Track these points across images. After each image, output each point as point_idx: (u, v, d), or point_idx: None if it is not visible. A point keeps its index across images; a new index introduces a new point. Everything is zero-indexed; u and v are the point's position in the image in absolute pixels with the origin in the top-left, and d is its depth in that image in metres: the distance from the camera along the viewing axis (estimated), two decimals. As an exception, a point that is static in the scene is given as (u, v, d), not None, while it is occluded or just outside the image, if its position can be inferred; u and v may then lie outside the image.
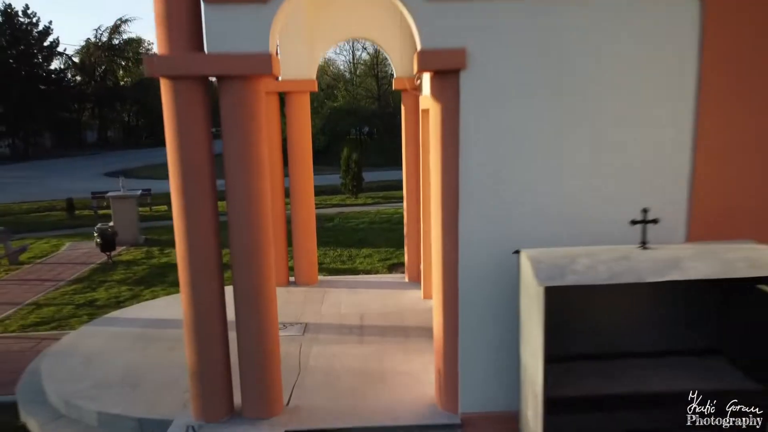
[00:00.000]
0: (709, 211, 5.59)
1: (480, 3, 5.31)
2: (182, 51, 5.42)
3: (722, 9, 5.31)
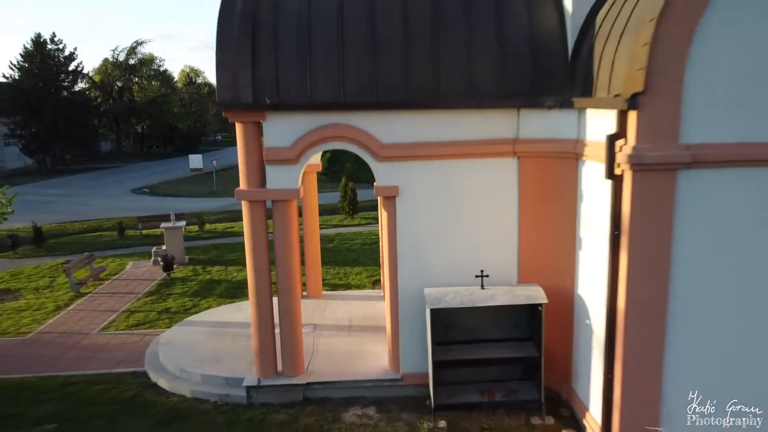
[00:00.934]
0: (527, 268, 10.76)
1: (405, 162, 10.49)
2: (255, 188, 10.60)
3: (527, 164, 10.48)
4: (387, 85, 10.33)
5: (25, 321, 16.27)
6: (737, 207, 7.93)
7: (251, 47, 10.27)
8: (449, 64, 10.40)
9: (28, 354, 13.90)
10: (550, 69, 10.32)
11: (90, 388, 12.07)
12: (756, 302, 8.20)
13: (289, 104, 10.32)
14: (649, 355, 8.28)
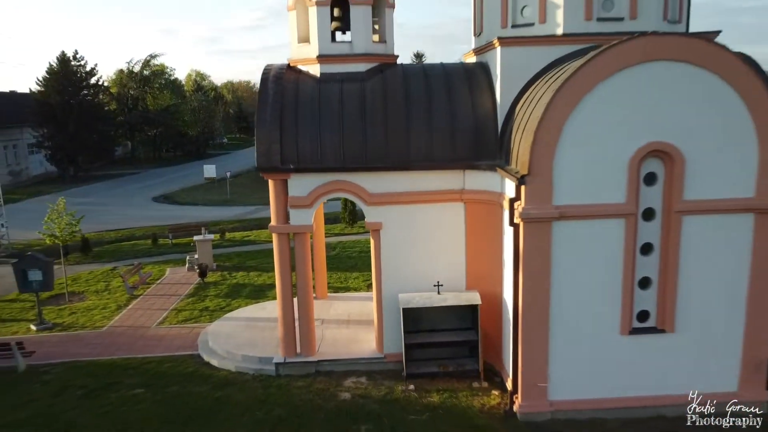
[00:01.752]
0: (471, 279, 15.45)
1: (386, 206, 15.15)
2: (282, 223, 15.27)
3: (471, 207, 15.16)
4: (373, 154, 14.99)
5: (96, 317, 20.99)
6: (585, 241, 12.59)
7: (279, 128, 14.94)
8: (416, 139, 15.07)
9: (108, 342, 18.63)
10: (485, 142, 14.98)
11: (161, 365, 16.79)
12: (600, 302, 12.87)
13: (305, 168, 14.98)
14: (538, 338, 12.96)
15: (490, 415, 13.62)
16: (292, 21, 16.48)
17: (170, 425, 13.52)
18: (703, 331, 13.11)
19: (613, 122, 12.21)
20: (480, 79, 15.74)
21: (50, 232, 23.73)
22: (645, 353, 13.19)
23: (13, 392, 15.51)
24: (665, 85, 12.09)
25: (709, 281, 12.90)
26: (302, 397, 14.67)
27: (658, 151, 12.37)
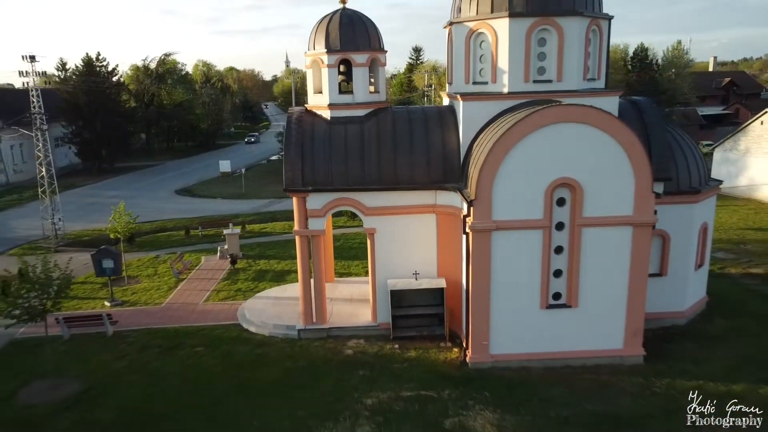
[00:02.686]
0: (441, 269, 21.18)
1: (379, 216, 20.83)
2: (303, 228, 20.95)
3: (440, 218, 20.83)
4: (369, 178, 20.62)
5: (154, 296, 26.80)
6: (515, 244, 18.25)
7: (301, 159, 20.58)
8: (401, 167, 20.68)
9: (169, 315, 24.44)
10: (451, 170, 20.59)
11: (212, 331, 22.61)
12: (526, 287, 18.58)
13: (319, 188, 20.63)
14: (483, 311, 18.69)
15: (451, 365, 19.44)
16: (310, 77, 22.06)
17: (228, 371, 19.38)
18: (597, 307, 18.84)
19: (534, 163, 17.81)
20: (449, 120, 21.33)
21: (114, 230, 29.40)
22: (557, 321, 18.95)
23: (109, 350, 21.36)
24: (569, 138, 17.68)
25: (602, 272, 18.58)
26: (318, 352, 20.51)
27: (565, 183, 17.99)
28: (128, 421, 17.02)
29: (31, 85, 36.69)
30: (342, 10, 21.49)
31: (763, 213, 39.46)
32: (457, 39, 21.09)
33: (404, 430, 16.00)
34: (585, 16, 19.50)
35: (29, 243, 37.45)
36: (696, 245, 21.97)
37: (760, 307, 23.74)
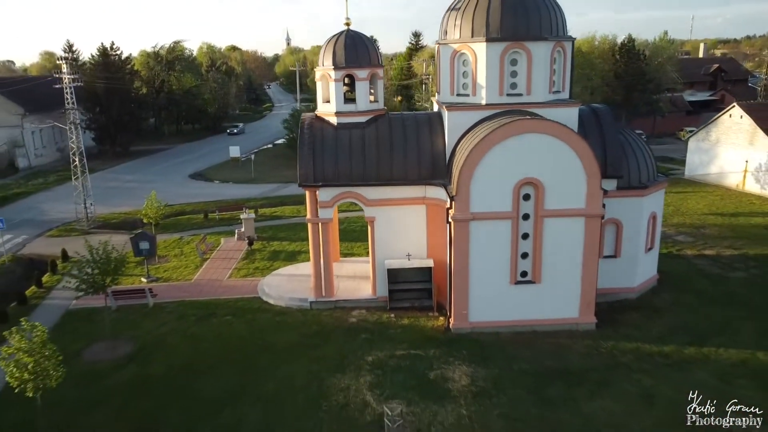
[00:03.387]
0: (431, 251, 25.27)
1: (378, 207, 24.87)
2: (314, 216, 25.00)
3: (430, 209, 24.87)
4: (370, 175, 24.59)
5: (184, 273, 30.97)
6: (489, 232, 22.29)
7: (312, 159, 24.54)
8: (396, 165, 24.64)
9: (199, 289, 28.62)
10: (438, 168, 24.54)
11: (237, 303, 26.81)
12: (499, 266, 22.68)
13: (328, 184, 24.63)
14: (463, 286, 22.82)
15: (437, 330, 23.64)
16: (319, 88, 25.93)
17: (254, 335, 23.62)
18: (557, 283, 22.95)
19: (504, 165, 21.77)
20: (437, 126, 25.24)
21: (147, 215, 33.49)
22: (524, 295, 23.09)
23: (152, 319, 25.60)
24: (532, 146, 21.61)
25: (560, 254, 22.65)
26: (327, 320, 24.74)
27: (529, 182, 21.98)
28: (176, 374, 21.25)
29: (66, 84, 40.15)
30: (346, 32, 25.27)
31: (727, 199, 43.41)
32: (443, 57, 24.92)
33: (397, 380, 20.21)
34: (550, 40, 23.29)
35: (64, 225, 41.47)
36: (645, 232, 26.00)
37: (702, 285, 27.86)
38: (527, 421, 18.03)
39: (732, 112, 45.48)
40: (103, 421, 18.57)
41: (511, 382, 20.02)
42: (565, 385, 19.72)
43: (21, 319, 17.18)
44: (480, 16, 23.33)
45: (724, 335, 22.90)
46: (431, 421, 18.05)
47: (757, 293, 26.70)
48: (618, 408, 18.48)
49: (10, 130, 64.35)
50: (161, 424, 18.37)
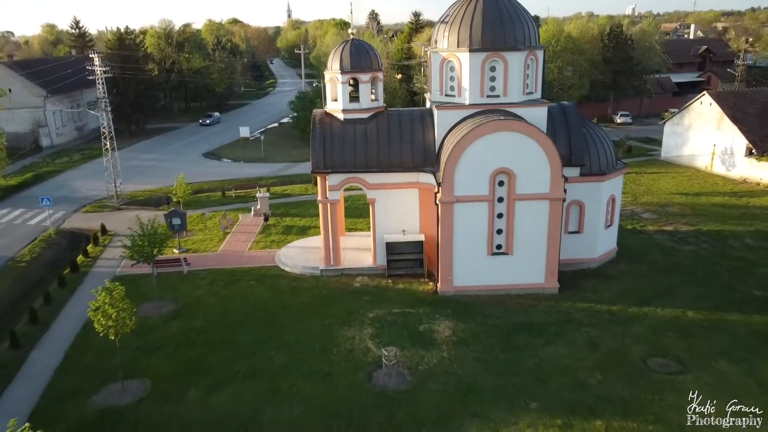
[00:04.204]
0: (423, 227, 29.99)
1: (378, 190, 29.49)
2: (324, 198, 29.63)
3: (422, 192, 29.50)
4: (371, 163, 29.16)
5: (210, 245, 35.76)
6: (470, 212, 26.95)
7: (323, 149, 29.09)
8: (394, 154, 29.18)
9: (224, 259, 33.43)
10: (429, 157, 29.10)
11: (259, 270, 31.64)
12: (478, 240, 27.40)
13: (336, 170, 29.22)
14: (448, 256, 27.57)
15: (426, 293, 28.48)
16: (328, 89, 30.35)
17: (274, 296, 28.48)
18: (526, 254, 27.68)
19: (482, 157, 26.30)
20: (428, 121, 29.69)
21: (177, 195, 38.16)
22: (499, 264, 27.85)
23: (188, 284, 30.43)
24: (506, 141, 26.11)
25: (529, 231, 27.31)
26: (335, 285, 29.57)
27: (503, 171, 26.55)
28: (213, 327, 26.14)
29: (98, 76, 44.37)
30: (351, 41, 29.57)
31: (695, 180, 47.95)
32: (434, 62, 29.29)
33: (393, 332, 25.09)
34: (523, 50, 27.62)
35: (96, 202, 46.15)
36: (605, 211, 30.63)
37: (656, 256, 32.61)
38: (495, 362, 22.92)
39: (702, 100, 49.68)
40: (160, 362, 23.49)
41: (485, 333, 24.89)
42: (527, 336, 24.60)
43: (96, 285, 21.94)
44: (464, 29, 27.62)
45: (664, 298, 27.71)
46: (419, 362, 22.95)
47: (700, 264, 31.45)
48: (567, 352, 23.37)
49: (33, 111, 68.57)
50: (205, 364, 23.30)
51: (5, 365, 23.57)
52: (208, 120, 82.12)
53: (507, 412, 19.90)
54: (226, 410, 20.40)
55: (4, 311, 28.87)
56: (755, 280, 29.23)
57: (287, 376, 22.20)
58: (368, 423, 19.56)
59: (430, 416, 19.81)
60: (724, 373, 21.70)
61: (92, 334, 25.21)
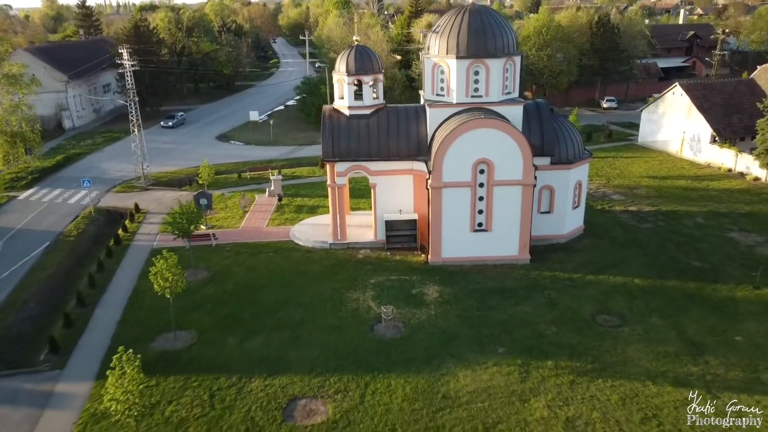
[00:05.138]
0: (416, 207, 35.27)
1: (379, 176, 34.69)
2: (333, 183, 34.87)
3: (416, 178, 34.71)
4: (373, 152, 34.33)
5: (231, 222, 41.09)
6: (455, 195, 32.18)
7: (332, 141, 34.25)
8: (392, 145, 34.34)
9: (245, 234, 38.78)
10: (422, 148, 34.26)
11: (276, 244, 37.02)
12: (462, 219, 32.71)
13: (343, 159, 34.41)
14: (437, 232, 32.92)
15: (419, 263, 33.87)
16: (336, 88, 35.35)
17: (291, 265, 33.92)
18: (502, 231, 33.00)
19: (466, 150, 31.44)
20: (421, 117, 34.75)
21: (202, 178, 43.40)
22: (479, 239, 33.20)
23: (217, 255, 35.81)
24: (485, 136, 31.22)
25: (505, 211, 32.58)
26: (342, 256, 34.98)
27: (483, 161, 31.73)
28: (241, 289, 31.57)
29: (127, 70, 49.19)
30: (356, 47, 34.50)
31: (665, 164, 53.07)
32: (427, 66, 34.29)
33: (390, 294, 30.52)
34: (502, 57, 32.57)
35: (125, 182, 51.34)
36: (572, 195, 35.84)
37: (617, 233, 37.94)
38: (472, 318, 28.38)
39: (674, 90, 54.52)
40: (202, 317, 28.97)
41: (466, 295, 30.33)
42: (500, 298, 30.05)
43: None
44: (452, 38, 32.53)
45: (617, 268, 33.09)
46: (411, 317, 28.42)
47: (654, 239, 36.81)
48: (531, 310, 28.84)
49: (56, 95, 73.30)
50: (239, 318, 28.78)
51: (76, 319, 29.05)
52: (171, 122, 73.05)
53: (479, 354, 25.44)
54: (259, 353, 25.93)
55: (65, 277, 34.36)
56: (696, 253, 34.62)
57: (305, 328, 27.71)
58: (370, 362, 25.09)
59: (419, 357, 25.34)
60: (654, 326, 27.22)
61: (142, 295, 30.91)
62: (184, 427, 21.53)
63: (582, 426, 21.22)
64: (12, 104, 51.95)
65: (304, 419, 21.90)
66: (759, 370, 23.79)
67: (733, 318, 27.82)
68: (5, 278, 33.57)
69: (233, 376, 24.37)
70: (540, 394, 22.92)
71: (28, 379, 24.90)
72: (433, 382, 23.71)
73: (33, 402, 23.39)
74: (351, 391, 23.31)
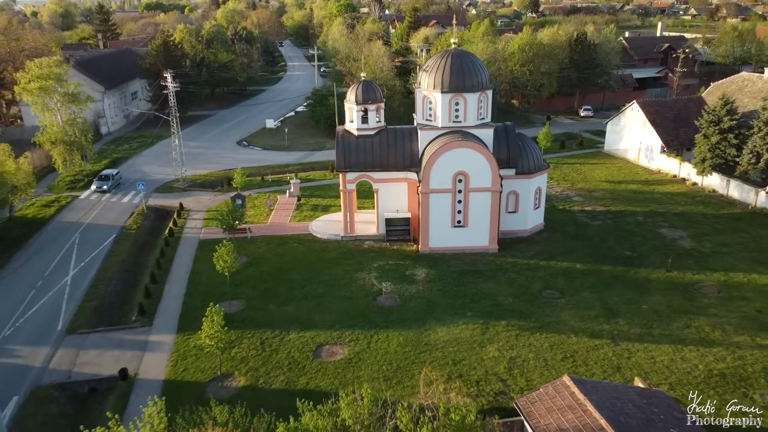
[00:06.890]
0: (410, 208, 44.78)
1: (381, 183, 44.18)
2: (344, 189, 44.39)
3: (409, 185, 44.37)
4: (376, 164, 43.81)
5: (260, 219, 50.60)
6: (439, 199, 41.66)
7: (344, 155, 43.77)
8: (392, 159, 43.83)
9: (273, 228, 48.27)
10: (414, 161, 43.74)
11: (299, 237, 46.56)
12: (444, 217, 42.22)
13: (353, 170, 43.92)
14: (426, 227, 42.44)
15: (412, 252, 43.39)
16: (347, 113, 44.86)
17: (312, 253, 43.48)
18: (476, 226, 42.48)
19: (448, 164, 40.87)
20: (414, 137, 44.21)
21: (237, 182, 52.94)
22: (458, 233, 42.71)
23: (252, 245, 45.33)
24: (464, 154, 40.66)
25: (478, 212, 42.07)
26: (351, 246, 44.54)
27: (461, 173, 41.20)
28: (275, 272, 41.08)
29: (170, 90, 58.54)
30: (363, 82, 43.97)
31: (623, 170, 62.48)
32: (419, 97, 43.78)
33: (389, 274, 40.01)
34: (477, 91, 41.99)
35: (166, 184, 60.80)
36: (533, 198, 45.30)
37: (571, 228, 47.44)
38: (450, 291, 37.87)
39: (633, 107, 63.87)
40: (248, 290, 38.48)
41: (446, 275, 39.86)
42: (472, 277, 39.59)
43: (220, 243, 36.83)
44: (438, 76, 41.94)
45: (565, 255, 42.61)
46: (405, 291, 37.93)
47: (599, 234, 46.29)
48: (494, 286, 38.37)
49: (94, 104, 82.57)
50: (275, 292, 38.31)
51: (154, 292, 38.62)
52: (105, 185, 58.07)
53: (453, 316, 34.97)
54: (293, 315, 35.49)
55: (133, 261, 43.95)
56: (630, 245, 44.14)
57: (325, 299, 37.27)
58: (375, 321, 34.63)
59: (410, 318, 34.89)
60: (584, 299, 36.76)
61: (199, 275, 40.50)
62: (247, 361, 31.14)
63: (520, 362, 30.78)
64: (70, 117, 61.66)
65: (328, 357, 31.50)
66: (652, 327, 33.39)
67: (645, 293, 37.35)
68: (89, 261, 43.16)
69: (276, 330, 33.93)
70: (494, 342, 32.47)
71: (128, 332, 34.52)
72: (419, 335, 33.26)
73: (135, 347, 32.98)
74: (360, 340, 32.86)
